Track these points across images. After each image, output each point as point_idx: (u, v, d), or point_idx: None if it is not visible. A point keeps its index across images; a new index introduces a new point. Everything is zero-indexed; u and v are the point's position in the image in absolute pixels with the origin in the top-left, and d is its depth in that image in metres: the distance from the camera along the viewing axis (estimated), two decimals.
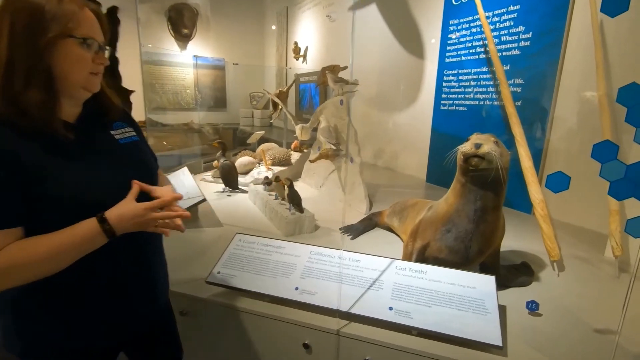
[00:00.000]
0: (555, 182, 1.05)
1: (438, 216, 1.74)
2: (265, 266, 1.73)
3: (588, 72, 2.66)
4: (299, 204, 2.56)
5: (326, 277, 1.65)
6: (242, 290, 1.64)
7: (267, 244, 1.86)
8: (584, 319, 1.62)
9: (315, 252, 1.78)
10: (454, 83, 3.81)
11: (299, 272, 1.68)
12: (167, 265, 1.30)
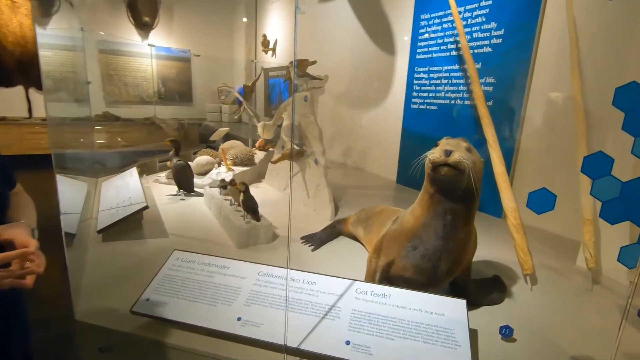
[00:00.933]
0: (538, 201, 0.86)
1: (404, 230, 1.54)
2: (204, 291, 1.47)
3: (560, 71, 2.56)
4: (255, 211, 2.30)
5: (276, 303, 1.41)
6: (174, 322, 1.37)
7: (209, 263, 1.59)
8: (560, 344, 1.47)
9: (264, 273, 1.54)
10: (424, 81, 3.66)
11: (243, 298, 1.43)
12: (85, 289, 0.99)
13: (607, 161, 0.81)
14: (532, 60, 2.72)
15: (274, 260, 2.04)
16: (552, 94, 2.64)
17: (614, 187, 0.80)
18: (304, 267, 1.98)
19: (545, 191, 0.87)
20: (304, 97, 2.96)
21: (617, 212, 0.82)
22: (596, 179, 0.82)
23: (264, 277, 1.51)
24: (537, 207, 0.87)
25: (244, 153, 3.86)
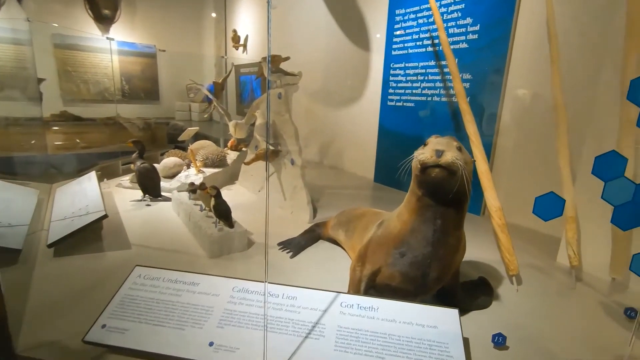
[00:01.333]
0: (546, 206, 0.77)
1: (390, 236, 1.43)
2: (170, 313, 1.30)
3: (536, 67, 2.55)
4: (228, 217, 2.13)
5: (253, 323, 1.27)
6: (134, 352, 1.20)
7: (176, 280, 1.42)
8: (552, 350, 1.42)
9: (239, 289, 1.39)
10: (400, 77, 3.59)
11: (216, 319, 1.28)
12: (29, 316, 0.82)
13: (620, 161, 0.74)
14: (508, 56, 2.70)
15: (251, 271, 1.89)
16: (528, 89, 2.63)
17: (626, 190, 0.73)
18: (282, 277, 1.85)
19: (553, 196, 0.79)
20: (278, 94, 2.81)
21: (629, 217, 0.74)
22: (608, 181, 0.74)
23: (239, 294, 1.36)
24: (545, 212, 0.79)
25: (215, 154, 3.65)
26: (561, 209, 0.79)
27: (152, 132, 7.32)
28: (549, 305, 1.73)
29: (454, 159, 1.16)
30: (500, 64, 2.74)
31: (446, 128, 3.19)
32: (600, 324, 1.60)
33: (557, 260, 2.20)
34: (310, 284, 1.78)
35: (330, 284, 1.79)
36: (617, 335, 1.52)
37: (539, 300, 1.78)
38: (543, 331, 1.53)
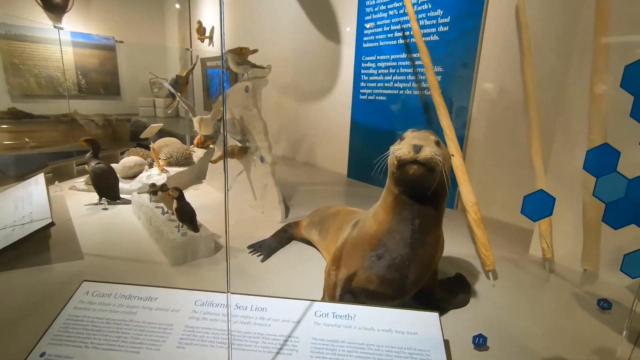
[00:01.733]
0: (535, 205, 0.70)
1: (366, 237, 1.34)
2: (123, 334, 1.15)
3: (506, 59, 2.55)
4: (192, 220, 1.97)
5: (218, 341, 1.14)
6: None
7: (130, 295, 1.27)
8: (532, 347, 1.39)
9: (202, 302, 1.25)
10: (372, 70, 3.52)
11: (175, 338, 1.14)
12: None
13: (613, 155, 0.68)
14: (479, 47, 2.69)
15: (217, 279, 1.75)
16: (499, 82, 2.63)
17: (619, 186, 0.67)
18: (252, 283, 1.73)
19: (542, 194, 0.72)
20: (245, 87, 2.65)
21: (621, 214, 0.69)
22: (600, 177, 0.68)
23: (202, 308, 1.23)
24: (534, 212, 0.72)
25: (180, 151, 3.44)
26: (551, 208, 0.73)
27: (113, 129, 6.91)
28: (525, 300, 1.72)
29: (432, 155, 1.08)
30: (471, 56, 2.72)
31: (419, 122, 3.15)
32: (575, 316, 1.59)
33: (530, 252, 2.21)
34: (282, 290, 1.68)
35: (305, 289, 1.69)
36: (590, 328, 1.52)
37: (515, 294, 1.76)
38: (521, 327, 1.50)
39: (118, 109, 7.15)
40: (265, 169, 2.59)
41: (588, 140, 1.76)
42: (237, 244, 2.15)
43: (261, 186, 2.67)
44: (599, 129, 1.70)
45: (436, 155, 1.09)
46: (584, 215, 1.81)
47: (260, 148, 2.60)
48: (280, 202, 2.54)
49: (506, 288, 1.81)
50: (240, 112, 2.73)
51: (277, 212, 2.53)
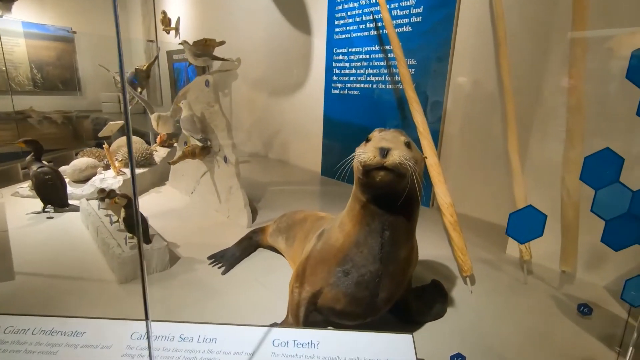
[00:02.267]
0: (523, 224, 0.57)
1: (331, 251, 1.19)
2: None
3: (481, 51, 2.45)
4: (143, 230, 1.76)
5: None
6: None
7: (53, 330, 1.06)
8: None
9: (140, 334, 1.07)
10: (344, 63, 3.36)
11: None
12: None
13: (615, 163, 0.55)
14: (453, 39, 2.58)
15: (172, 297, 1.56)
16: (473, 75, 2.53)
17: (621, 199, 0.55)
18: (210, 299, 1.55)
19: (531, 211, 0.59)
20: (206, 81, 2.44)
21: (624, 232, 0.56)
22: (599, 189, 0.55)
23: (139, 342, 1.04)
24: (521, 232, 0.59)
25: (140, 151, 3.18)
26: (542, 228, 0.60)
27: (74, 127, 6.49)
28: (503, 306, 1.62)
29: (402, 159, 0.94)
30: (445, 48, 2.60)
31: (393, 117, 3.03)
32: (556, 324, 1.51)
33: (507, 252, 2.13)
34: (244, 307, 1.51)
35: (269, 304, 1.53)
36: (572, 336, 1.43)
37: (493, 300, 1.66)
38: (501, 339, 1.40)
39: (79, 105, 6.69)
40: (230, 170, 2.39)
41: (566, 133, 1.67)
42: (198, 253, 1.96)
43: (226, 188, 2.48)
44: (577, 124, 1.61)
45: (406, 159, 0.94)
46: (562, 216, 1.73)
47: (223, 147, 2.40)
48: (246, 206, 2.35)
49: (484, 293, 1.71)
50: (201, 108, 2.51)
51: (243, 216, 2.35)
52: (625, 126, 1.57)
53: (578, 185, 1.65)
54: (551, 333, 1.45)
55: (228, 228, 2.34)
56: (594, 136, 1.62)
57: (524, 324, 1.51)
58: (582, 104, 1.57)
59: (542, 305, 1.63)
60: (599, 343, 1.40)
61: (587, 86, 1.58)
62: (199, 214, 2.60)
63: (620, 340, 1.41)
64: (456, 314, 1.54)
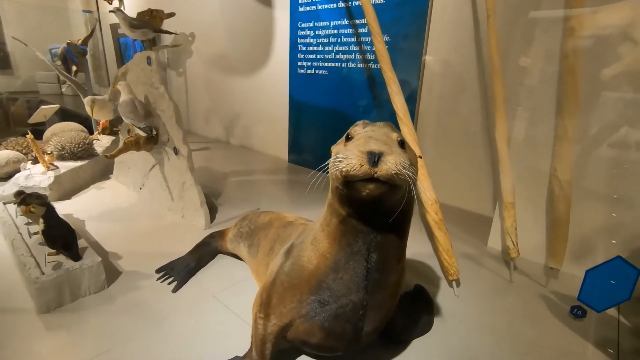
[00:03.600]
0: (605, 283, 0.35)
1: (302, 274, 0.95)
2: None
3: (459, 25, 2.24)
4: (67, 245, 1.43)
5: None
6: None
7: None
8: None
9: None
10: (310, 39, 3.05)
11: None
12: None
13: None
14: (429, 12, 2.34)
15: (109, 329, 1.25)
16: (452, 52, 2.32)
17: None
18: (156, 329, 1.26)
19: (619, 264, 0.34)
20: (147, 58, 2.05)
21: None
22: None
23: None
24: (599, 295, 0.35)
25: (76, 141, 2.73)
26: (631, 287, 0.39)
27: (4, 110, 5.77)
28: (492, 312, 1.47)
29: (398, 169, 0.70)
30: (420, 22, 2.37)
31: (365, 99, 2.79)
32: (549, 329, 1.38)
33: (489, 244, 2.00)
34: (199, 334, 1.25)
35: (230, 330, 1.27)
36: (568, 343, 1.31)
37: (480, 305, 1.51)
38: (492, 352, 1.25)
39: (10, 85, 5.88)
40: (182, 163, 2.06)
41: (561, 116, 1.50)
42: (145, 265, 1.66)
43: (179, 184, 2.15)
44: (574, 105, 1.45)
45: (404, 167, 0.70)
46: (552, 209, 1.60)
47: (171, 137, 2.05)
48: (203, 204, 2.05)
49: (470, 296, 1.56)
50: (143, 90, 2.13)
51: (200, 216, 2.05)
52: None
53: (571, 177, 1.51)
54: (545, 341, 1.32)
55: (182, 230, 2.03)
56: (592, 114, 1.47)
57: (515, 331, 1.37)
58: (578, 92, 1.40)
59: (532, 308, 1.51)
60: (595, 349, 1.28)
61: (584, 64, 1.41)
62: (148, 214, 2.26)
63: (617, 343, 1.31)
64: (443, 327, 1.37)
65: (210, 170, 3.20)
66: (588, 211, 1.56)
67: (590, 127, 1.52)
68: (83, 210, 2.22)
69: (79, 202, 2.38)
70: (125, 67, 2.31)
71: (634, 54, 1.40)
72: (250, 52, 3.69)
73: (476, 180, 2.39)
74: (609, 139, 1.49)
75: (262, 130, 3.85)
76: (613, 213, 1.53)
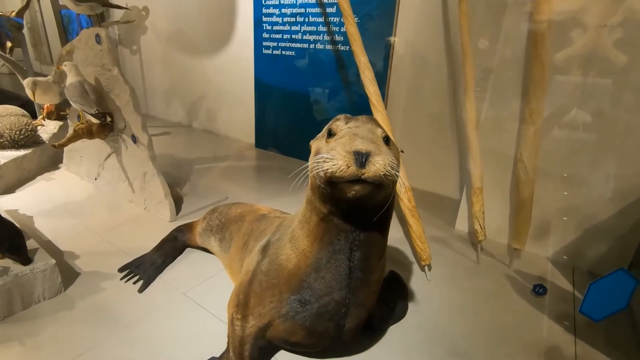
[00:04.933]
0: (606, 294, 0.36)
1: (281, 273, 0.91)
2: None
3: (431, 4, 2.21)
4: (14, 248, 1.29)
5: None
6: None
7: None
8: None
9: None
10: (276, 18, 2.90)
11: None
12: None
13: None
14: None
15: (68, 337, 1.15)
16: (421, 34, 2.31)
17: None
18: (122, 338, 1.18)
19: (622, 276, 0.36)
20: (95, 36, 1.85)
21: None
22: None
23: None
24: (599, 306, 0.36)
25: (17, 127, 2.46)
26: (627, 297, 0.40)
27: None
28: (461, 294, 1.53)
29: (386, 169, 0.66)
30: (391, 1, 2.32)
31: (334, 81, 2.73)
32: (513, 308, 1.46)
33: (456, 227, 2.07)
34: (170, 338, 1.18)
35: (204, 330, 1.22)
36: (531, 319, 1.40)
37: (450, 287, 1.57)
38: (462, 332, 1.31)
39: None
40: (142, 152, 1.92)
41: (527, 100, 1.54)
42: (106, 264, 1.55)
43: (140, 175, 2.01)
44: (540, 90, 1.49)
45: (392, 168, 0.67)
46: (517, 193, 1.66)
47: (129, 124, 1.89)
48: (167, 196, 1.93)
49: (441, 279, 1.61)
50: (93, 72, 1.93)
51: (164, 208, 1.94)
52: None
53: (536, 161, 1.57)
54: (509, 317, 1.40)
55: (146, 224, 1.92)
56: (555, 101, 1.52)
57: (482, 310, 1.44)
58: (545, 76, 1.43)
59: (498, 287, 1.58)
60: (555, 325, 1.37)
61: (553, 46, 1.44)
62: (107, 207, 2.10)
63: (573, 317, 1.41)
64: (417, 311, 1.41)
65: (172, 157, 3.03)
66: (548, 193, 1.64)
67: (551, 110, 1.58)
68: (31, 205, 2.02)
69: (26, 196, 2.16)
70: (70, 45, 2.07)
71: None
72: (211, 29, 3.46)
73: (443, 163, 2.44)
74: (563, 121, 1.56)
75: (226, 113, 3.68)
76: (566, 193, 1.62)
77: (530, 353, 1.24)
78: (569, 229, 1.71)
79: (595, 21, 1.45)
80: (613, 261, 1.61)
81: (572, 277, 1.66)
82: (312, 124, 2.93)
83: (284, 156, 3.15)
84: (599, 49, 1.46)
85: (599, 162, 1.57)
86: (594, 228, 1.64)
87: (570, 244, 1.73)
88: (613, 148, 1.53)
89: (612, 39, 1.45)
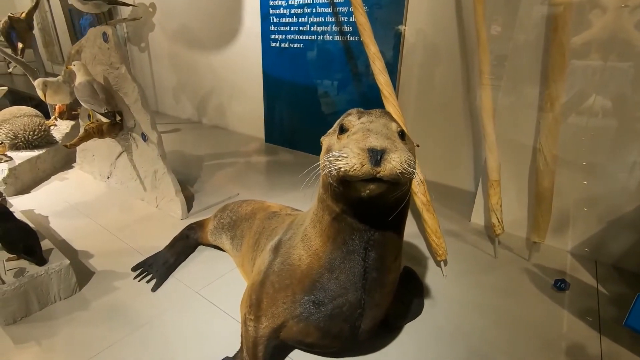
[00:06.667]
0: None
1: (294, 274, 0.89)
2: None
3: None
4: (29, 249, 1.30)
5: None
6: None
7: None
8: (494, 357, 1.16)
9: None
10: (283, 10, 2.85)
11: None
12: None
13: None
14: None
15: (83, 337, 1.15)
16: (432, 23, 2.23)
17: None
18: (136, 338, 1.18)
19: None
20: (103, 34, 1.84)
21: None
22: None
23: None
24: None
25: (30, 127, 2.49)
26: None
27: None
28: (479, 289, 1.49)
29: (403, 167, 0.63)
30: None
31: (344, 73, 2.67)
32: (534, 304, 1.41)
33: (472, 220, 2.01)
34: (184, 338, 1.17)
35: (217, 329, 1.21)
36: (552, 317, 1.35)
37: (467, 282, 1.52)
38: (481, 330, 1.27)
39: None
40: (152, 150, 1.91)
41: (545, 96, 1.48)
42: (120, 263, 1.55)
43: (150, 173, 2.01)
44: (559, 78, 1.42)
45: (409, 166, 0.63)
46: (536, 184, 1.60)
47: (138, 122, 1.89)
48: (178, 193, 1.93)
49: (457, 274, 1.57)
50: (101, 71, 1.93)
51: (176, 205, 1.93)
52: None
53: (555, 151, 1.50)
54: (530, 314, 1.35)
55: (158, 222, 1.92)
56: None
57: (501, 306, 1.39)
58: (565, 62, 1.36)
59: (517, 283, 1.53)
60: (578, 321, 1.32)
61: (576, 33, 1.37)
62: (119, 206, 2.11)
63: (597, 312, 1.36)
64: (433, 308, 1.37)
65: (183, 154, 3.03)
66: (568, 183, 1.58)
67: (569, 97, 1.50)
68: (45, 205, 2.05)
69: (40, 196, 2.19)
70: (79, 44, 2.07)
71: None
72: (218, 24, 3.43)
73: (457, 154, 2.38)
74: (582, 108, 1.49)
75: (236, 108, 3.66)
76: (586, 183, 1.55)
77: (553, 351, 1.20)
78: (591, 221, 1.64)
79: (615, 2, 1.37)
80: (639, 254, 1.54)
81: (595, 271, 1.60)
82: (322, 117, 2.89)
83: (294, 150, 3.12)
84: (619, 31, 1.38)
85: (621, 150, 1.50)
86: (618, 219, 1.57)
87: (592, 237, 1.66)
88: (636, 134, 1.46)
89: (633, 20, 1.37)
